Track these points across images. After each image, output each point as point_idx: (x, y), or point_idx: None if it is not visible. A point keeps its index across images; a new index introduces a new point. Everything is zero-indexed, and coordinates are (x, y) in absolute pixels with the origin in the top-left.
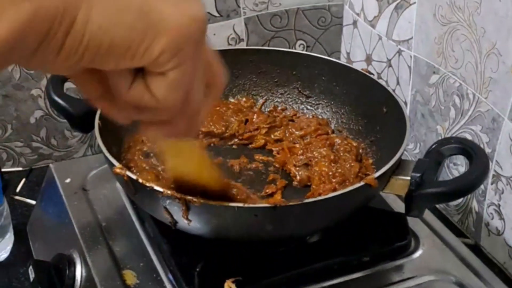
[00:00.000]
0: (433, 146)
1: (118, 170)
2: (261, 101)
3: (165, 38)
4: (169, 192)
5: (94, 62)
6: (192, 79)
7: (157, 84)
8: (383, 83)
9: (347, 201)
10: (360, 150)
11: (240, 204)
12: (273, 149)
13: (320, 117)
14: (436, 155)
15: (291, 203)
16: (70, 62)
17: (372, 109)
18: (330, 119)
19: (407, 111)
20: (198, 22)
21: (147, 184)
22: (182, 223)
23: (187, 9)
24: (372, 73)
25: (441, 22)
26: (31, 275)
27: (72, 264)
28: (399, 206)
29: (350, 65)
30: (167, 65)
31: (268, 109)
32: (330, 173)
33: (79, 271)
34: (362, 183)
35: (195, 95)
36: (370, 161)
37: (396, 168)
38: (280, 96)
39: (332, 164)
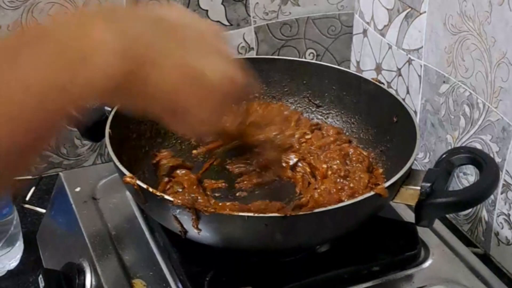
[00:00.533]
0: (443, 156)
1: (128, 179)
2: None
3: (208, 97)
4: (179, 201)
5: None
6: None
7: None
8: (393, 93)
9: (357, 211)
10: (370, 159)
11: (250, 214)
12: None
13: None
14: (446, 165)
15: (300, 213)
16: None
17: (383, 118)
18: (341, 129)
19: (417, 120)
20: (229, 80)
21: (157, 193)
22: (192, 232)
23: (224, 71)
24: (382, 83)
25: (452, 31)
26: (41, 283)
27: (81, 273)
28: (409, 216)
29: (360, 75)
30: (204, 115)
31: None
32: (339, 187)
33: (88, 280)
34: (372, 192)
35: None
36: (380, 170)
37: (406, 177)
38: (290, 105)
39: (341, 180)
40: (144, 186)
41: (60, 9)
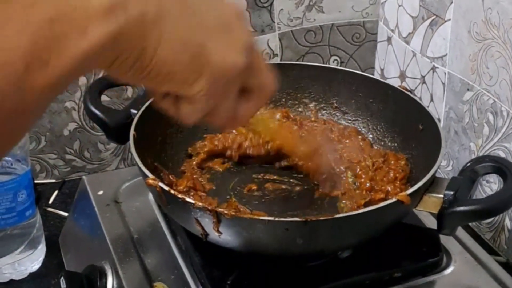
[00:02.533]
0: (468, 164)
1: (150, 181)
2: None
3: (206, 78)
4: (200, 204)
5: (150, 82)
6: (216, 105)
7: (184, 105)
8: (420, 100)
9: (379, 217)
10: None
11: (271, 218)
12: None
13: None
14: (470, 173)
15: (321, 218)
16: (134, 79)
17: (409, 126)
18: (366, 136)
19: (441, 128)
20: (237, 68)
21: (179, 196)
22: (213, 235)
23: (232, 54)
24: (409, 90)
25: (476, 39)
26: (63, 286)
27: (103, 276)
28: (431, 222)
29: (387, 82)
30: (199, 97)
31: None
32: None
33: (110, 283)
34: (394, 199)
35: (221, 112)
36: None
37: (429, 185)
38: (316, 111)
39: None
40: (166, 188)
41: None
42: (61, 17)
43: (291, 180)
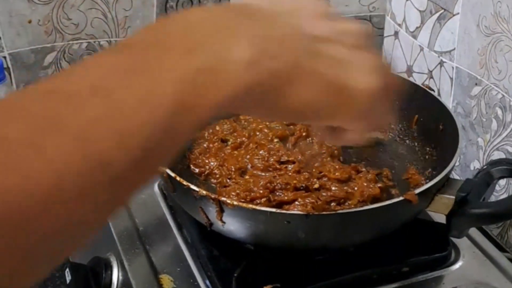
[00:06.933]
0: (484, 167)
1: None
2: None
3: (348, 108)
4: (204, 192)
5: (293, 120)
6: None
7: (343, 134)
8: (442, 100)
9: (384, 215)
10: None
11: (273, 210)
12: None
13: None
14: (485, 176)
15: (323, 212)
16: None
17: (430, 126)
18: (388, 134)
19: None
20: (371, 90)
21: (184, 183)
22: (217, 224)
23: (370, 82)
24: (433, 90)
25: (485, 33)
26: (68, 277)
27: (109, 268)
28: (439, 217)
29: (410, 80)
30: (350, 127)
31: None
32: None
33: (115, 275)
34: (401, 198)
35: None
36: (423, 179)
37: (442, 186)
38: None
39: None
40: (173, 174)
41: (90, 5)
42: (207, 68)
43: None
